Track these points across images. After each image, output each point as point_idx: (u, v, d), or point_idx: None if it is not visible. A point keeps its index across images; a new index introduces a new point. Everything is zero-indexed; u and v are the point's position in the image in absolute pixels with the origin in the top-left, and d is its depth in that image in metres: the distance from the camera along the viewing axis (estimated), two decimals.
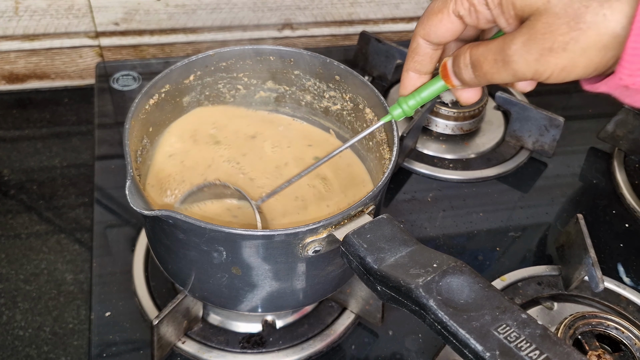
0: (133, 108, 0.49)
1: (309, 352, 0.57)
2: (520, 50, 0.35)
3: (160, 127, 0.57)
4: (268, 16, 0.91)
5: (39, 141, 0.83)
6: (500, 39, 0.36)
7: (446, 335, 0.35)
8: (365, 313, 0.59)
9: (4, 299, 0.66)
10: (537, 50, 0.34)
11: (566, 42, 0.33)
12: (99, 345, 0.57)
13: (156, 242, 0.51)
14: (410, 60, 0.43)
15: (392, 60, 0.86)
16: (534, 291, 0.64)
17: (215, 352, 0.57)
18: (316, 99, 0.60)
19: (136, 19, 0.87)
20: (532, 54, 0.34)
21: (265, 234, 0.42)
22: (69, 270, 0.69)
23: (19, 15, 0.82)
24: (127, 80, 0.85)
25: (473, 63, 0.38)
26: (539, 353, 0.33)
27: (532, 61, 0.35)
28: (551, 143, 0.78)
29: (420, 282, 0.37)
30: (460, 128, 0.81)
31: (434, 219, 0.72)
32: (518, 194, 0.76)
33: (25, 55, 0.87)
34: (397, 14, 0.97)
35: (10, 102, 0.88)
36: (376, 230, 0.42)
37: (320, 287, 0.51)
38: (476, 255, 0.68)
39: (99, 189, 0.71)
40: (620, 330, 0.56)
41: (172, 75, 0.54)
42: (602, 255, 0.69)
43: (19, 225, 0.73)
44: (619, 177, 0.78)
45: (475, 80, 0.39)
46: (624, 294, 0.64)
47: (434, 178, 0.77)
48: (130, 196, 0.42)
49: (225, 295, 0.49)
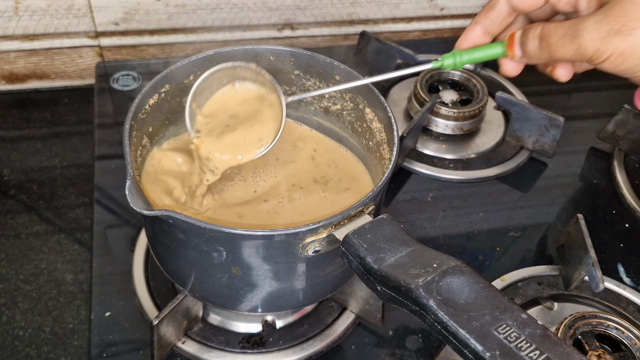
0: (133, 108, 0.49)
1: (309, 352, 0.57)
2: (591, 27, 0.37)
3: (162, 128, 0.57)
4: (268, 16, 0.91)
5: (39, 141, 0.83)
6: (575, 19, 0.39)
7: (446, 335, 0.35)
8: (365, 313, 0.59)
9: (4, 299, 0.66)
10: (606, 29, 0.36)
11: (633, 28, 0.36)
12: (99, 345, 0.57)
13: (156, 242, 0.51)
14: (483, 15, 0.45)
15: (392, 60, 0.86)
16: (534, 291, 0.64)
17: (215, 352, 0.57)
18: (316, 99, 0.60)
19: (136, 19, 0.87)
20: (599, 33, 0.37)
21: (265, 234, 0.42)
22: (69, 270, 0.69)
23: (19, 15, 0.82)
24: (127, 80, 0.85)
25: (542, 35, 0.41)
26: (539, 353, 0.33)
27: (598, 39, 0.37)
28: (551, 143, 0.78)
29: (420, 282, 0.37)
30: (460, 128, 0.81)
31: (434, 219, 0.72)
32: (518, 194, 0.76)
33: (25, 55, 0.87)
34: (397, 14, 0.97)
35: (10, 102, 0.88)
36: (376, 230, 0.42)
37: (320, 287, 0.51)
38: (476, 255, 0.68)
39: (99, 189, 0.71)
40: (620, 330, 0.56)
41: (172, 75, 0.54)
42: (602, 255, 0.69)
43: (19, 225, 0.73)
44: (619, 177, 0.78)
45: (538, 52, 0.41)
46: (624, 294, 0.64)
47: (434, 178, 0.77)
48: (130, 196, 0.42)
49: (225, 295, 0.49)
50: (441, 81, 0.84)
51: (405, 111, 0.84)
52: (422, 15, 0.99)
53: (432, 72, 0.83)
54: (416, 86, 0.81)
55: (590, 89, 0.94)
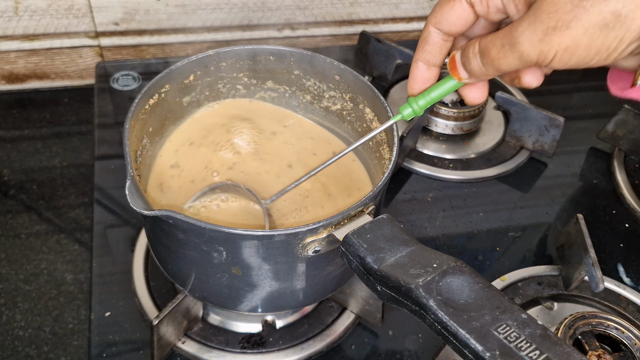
0: (133, 108, 0.49)
1: (309, 352, 0.57)
2: (526, 31, 0.35)
3: (162, 128, 0.57)
4: (268, 16, 0.91)
5: (39, 141, 0.83)
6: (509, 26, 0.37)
7: (446, 335, 0.35)
8: (365, 313, 0.59)
9: (4, 299, 0.66)
10: (542, 29, 0.34)
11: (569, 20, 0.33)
12: (99, 345, 0.57)
13: (156, 242, 0.51)
14: (420, 50, 0.43)
15: (392, 60, 0.86)
16: (534, 291, 0.64)
17: (215, 352, 0.57)
18: (316, 99, 0.60)
19: (136, 19, 0.87)
20: (537, 34, 0.35)
21: (265, 234, 0.42)
22: (69, 270, 0.69)
23: (19, 15, 0.82)
24: (127, 80, 0.85)
25: (481, 51, 0.39)
26: (539, 353, 0.33)
27: (537, 41, 0.35)
28: (551, 143, 0.78)
29: (420, 282, 0.37)
30: (460, 128, 0.81)
31: (434, 219, 0.72)
32: (518, 194, 0.76)
33: (25, 55, 0.87)
34: (397, 14, 0.97)
35: (10, 102, 0.88)
36: (376, 230, 0.42)
37: (320, 287, 0.51)
38: (476, 255, 0.68)
39: (99, 189, 0.71)
40: (620, 330, 0.56)
41: (172, 75, 0.54)
42: (602, 255, 0.69)
43: (19, 225, 0.73)
44: (619, 177, 0.78)
45: (483, 69, 0.39)
46: (624, 294, 0.64)
47: (434, 178, 0.77)
48: (130, 196, 0.42)
49: (225, 295, 0.49)
50: None
51: None
52: (422, 15, 0.99)
53: None
54: None
55: (590, 89, 0.94)
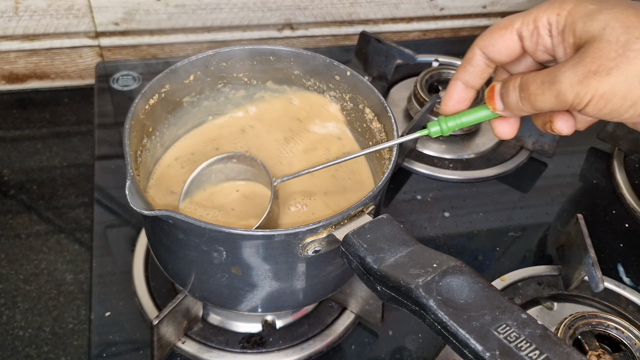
0: (133, 108, 0.50)
1: (309, 352, 0.58)
2: (568, 72, 0.36)
3: (161, 127, 0.57)
4: (268, 16, 0.91)
5: (39, 141, 0.83)
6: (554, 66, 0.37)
7: (446, 335, 0.35)
8: (365, 313, 0.59)
9: (4, 299, 0.66)
10: (583, 72, 0.35)
11: (611, 68, 0.34)
12: (99, 345, 0.57)
13: (156, 242, 0.51)
14: (462, 70, 0.44)
15: (392, 60, 0.86)
16: (534, 291, 0.64)
17: (215, 352, 0.57)
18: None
19: (136, 19, 0.87)
20: (577, 75, 0.35)
21: (265, 234, 0.42)
22: (69, 270, 0.69)
23: (19, 15, 0.82)
24: (127, 80, 0.85)
25: (521, 85, 0.39)
26: (539, 353, 0.33)
27: (576, 82, 0.35)
28: (551, 143, 0.78)
29: (420, 282, 0.37)
30: (460, 128, 0.81)
31: (434, 219, 0.72)
32: (518, 194, 0.76)
33: (25, 55, 0.87)
34: (397, 14, 0.97)
35: (10, 102, 0.88)
36: (376, 230, 0.42)
37: (320, 287, 0.51)
38: (476, 255, 0.68)
39: (99, 189, 0.71)
40: (620, 330, 0.56)
41: (172, 75, 0.54)
42: (602, 255, 0.69)
43: (19, 225, 0.73)
44: (619, 177, 0.78)
45: (520, 103, 0.40)
46: (624, 294, 0.64)
47: (434, 178, 0.77)
48: (130, 196, 0.42)
49: (225, 295, 0.49)
50: (441, 81, 0.84)
51: (405, 111, 0.84)
52: (422, 15, 0.99)
53: (432, 72, 0.83)
54: (416, 86, 0.81)
55: None
